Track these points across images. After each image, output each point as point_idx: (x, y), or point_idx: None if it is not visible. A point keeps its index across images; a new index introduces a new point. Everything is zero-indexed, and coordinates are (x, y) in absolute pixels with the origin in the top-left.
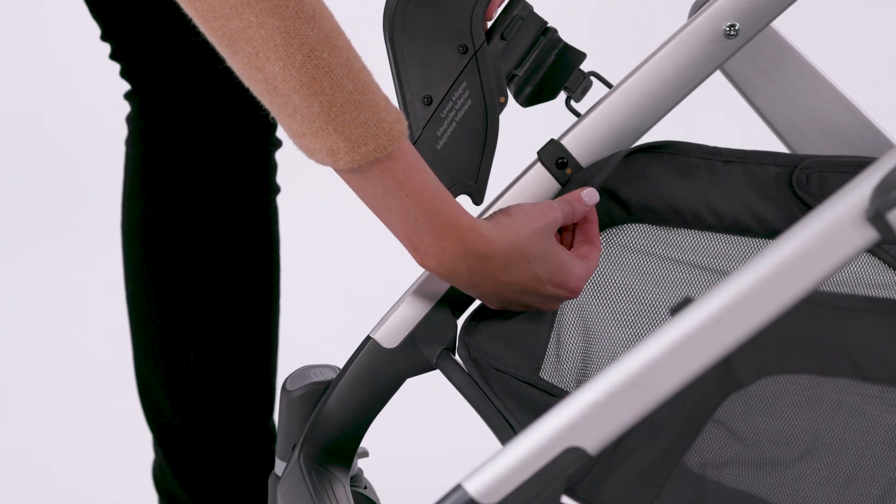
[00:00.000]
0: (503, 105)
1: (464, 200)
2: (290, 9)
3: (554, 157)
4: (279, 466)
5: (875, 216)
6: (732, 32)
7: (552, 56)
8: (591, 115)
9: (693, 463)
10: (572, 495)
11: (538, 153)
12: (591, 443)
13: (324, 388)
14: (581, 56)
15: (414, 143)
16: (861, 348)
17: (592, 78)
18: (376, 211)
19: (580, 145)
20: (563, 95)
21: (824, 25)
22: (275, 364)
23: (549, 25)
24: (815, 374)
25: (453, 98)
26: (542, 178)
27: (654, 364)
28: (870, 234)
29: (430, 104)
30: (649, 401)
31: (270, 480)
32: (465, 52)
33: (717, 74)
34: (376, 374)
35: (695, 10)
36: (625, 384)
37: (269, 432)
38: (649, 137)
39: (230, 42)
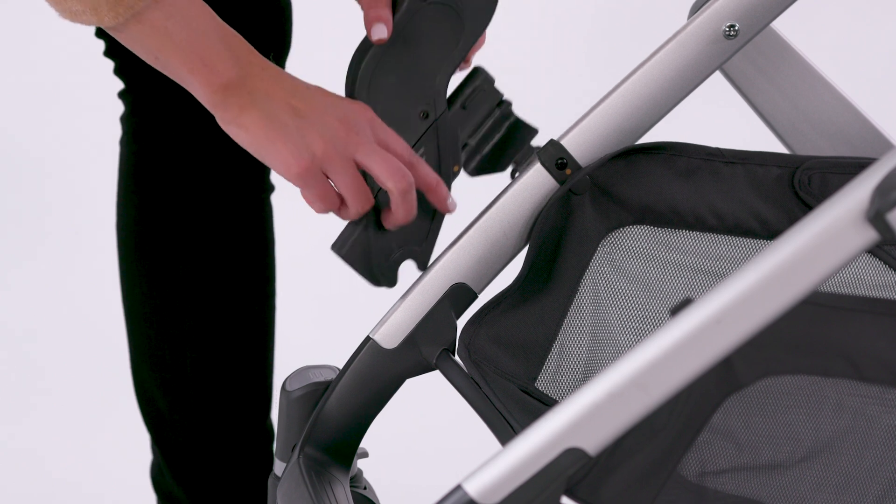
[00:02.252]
0: (456, 174)
1: (408, 266)
2: None
3: (553, 157)
4: (279, 467)
5: (875, 217)
6: (732, 33)
7: (503, 129)
8: (591, 115)
9: (691, 472)
10: (572, 496)
11: (538, 153)
12: (592, 443)
13: (323, 389)
14: (533, 132)
15: None
16: (861, 349)
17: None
18: (162, 50)
19: (580, 146)
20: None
21: (824, 26)
22: (271, 363)
23: (504, 98)
24: (815, 374)
25: None
26: (541, 179)
27: (655, 364)
28: (870, 235)
29: None
30: (649, 401)
31: (270, 481)
32: (426, 118)
33: (717, 74)
34: (376, 375)
35: (694, 10)
36: (625, 385)
37: (267, 431)
38: (649, 137)
39: None
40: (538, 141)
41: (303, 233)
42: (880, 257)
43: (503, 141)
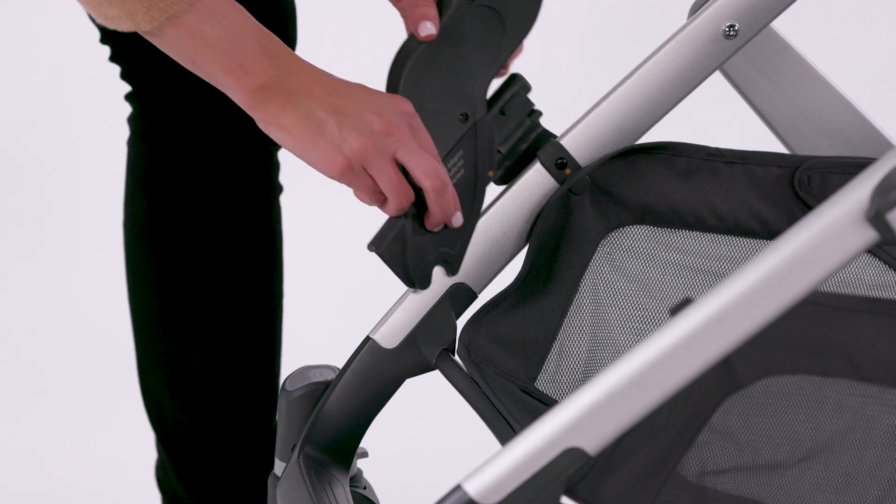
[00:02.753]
0: (490, 179)
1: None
2: None
3: (553, 157)
4: (278, 467)
5: (875, 217)
6: (732, 33)
7: (530, 139)
8: (591, 115)
9: (691, 472)
10: (572, 496)
11: (538, 153)
12: (591, 443)
13: (323, 389)
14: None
15: None
16: (861, 349)
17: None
18: (199, 53)
19: (580, 146)
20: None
21: (824, 26)
22: (278, 364)
23: (535, 108)
24: (814, 374)
25: (448, 165)
26: (541, 179)
27: (654, 364)
28: (869, 235)
29: None
30: (649, 401)
31: (270, 481)
32: (466, 121)
33: (717, 74)
34: (376, 375)
35: (694, 10)
36: (625, 384)
37: (272, 433)
38: (649, 137)
39: None
40: None
41: (304, 234)
42: (880, 257)
43: (527, 152)
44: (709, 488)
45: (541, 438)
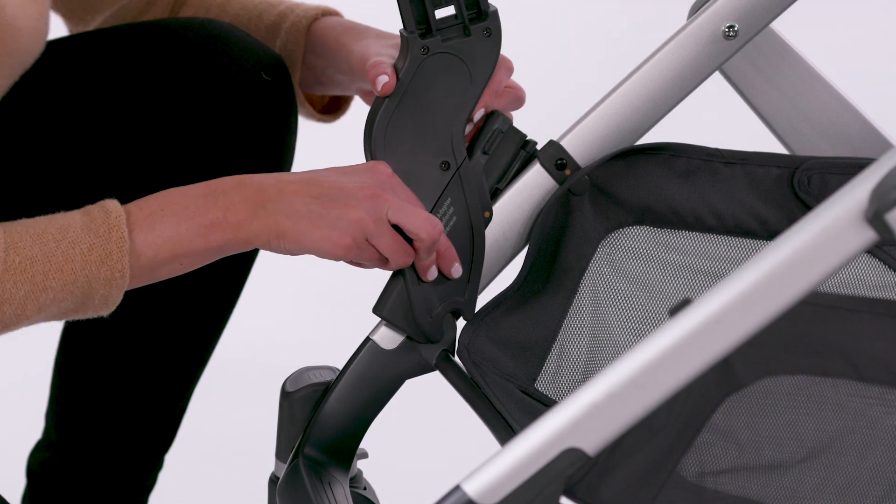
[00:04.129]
0: (488, 220)
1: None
2: None
3: (553, 158)
4: (278, 467)
5: (874, 217)
6: (731, 34)
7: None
8: (591, 116)
9: (691, 472)
10: (571, 496)
11: (537, 154)
12: (590, 444)
13: (323, 390)
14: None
15: None
16: (861, 349)
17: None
18: (174, 252)
19: (579, 146)
20: None
21: (824, 26)
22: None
23: (528, 139)
24: (814, 374)
25: (438, 214)
26: (540, 179)
27: (654, 364)
28: (868, 235)
29: None
30: (648, 401)
31: (269, 481)
32: (448, 169)
33: (717, 75)
34: (375, 376)
35: (694, 10)
36: (624, 385)
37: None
38: (649, 138)
39: None
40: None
41: None
42: (880, 257)
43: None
44: (708, 489)
45: (540, 439)
